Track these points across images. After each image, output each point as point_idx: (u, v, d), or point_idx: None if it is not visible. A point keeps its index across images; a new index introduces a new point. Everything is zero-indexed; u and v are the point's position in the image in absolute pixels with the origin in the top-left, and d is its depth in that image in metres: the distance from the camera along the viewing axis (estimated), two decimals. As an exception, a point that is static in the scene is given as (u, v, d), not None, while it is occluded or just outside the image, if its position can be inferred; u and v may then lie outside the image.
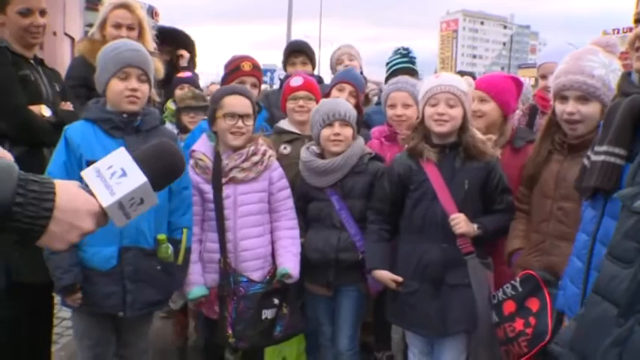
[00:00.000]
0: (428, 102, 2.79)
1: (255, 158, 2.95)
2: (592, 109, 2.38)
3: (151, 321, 2.99)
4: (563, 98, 2.45)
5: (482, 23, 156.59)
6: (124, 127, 2.60)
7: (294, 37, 22.41)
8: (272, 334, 2.96)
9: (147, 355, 2.94)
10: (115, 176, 1.25)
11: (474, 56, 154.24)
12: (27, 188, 1.11)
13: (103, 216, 1.24)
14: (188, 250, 2.77)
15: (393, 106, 3.44)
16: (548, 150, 2.61)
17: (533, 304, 2.47)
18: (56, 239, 1.17)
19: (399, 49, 4.40)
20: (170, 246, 2.62)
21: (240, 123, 2.91)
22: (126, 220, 1.27)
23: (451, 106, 2.75)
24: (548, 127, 2.64)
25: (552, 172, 2.55)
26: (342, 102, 3.22)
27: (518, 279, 2.57)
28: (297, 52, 4.48)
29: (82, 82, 3.52)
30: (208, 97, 4.49)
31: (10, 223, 1.09)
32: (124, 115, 2.60)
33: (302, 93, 3.45)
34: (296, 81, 3.53)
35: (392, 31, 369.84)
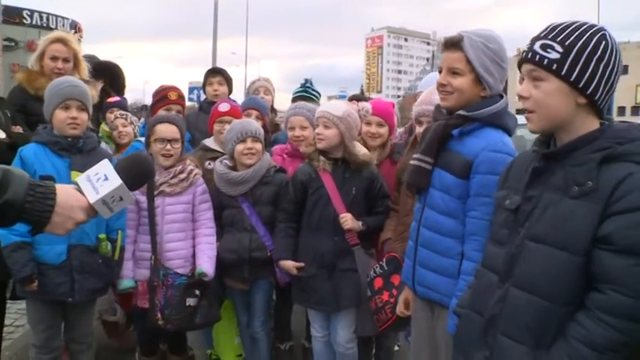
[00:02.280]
0: (317, 123, 3.42)
1: (182, 176, 3.45)
2: None
3: (93, 308, 3.48)
4: (420, 122, 3.12)
5: (406, 40, 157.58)
6: (69, 149, 3.09)
7: (220, 54, 22.33)
8: (194, 320, 3.41)
9: (91, 337, 3.39)
10: (100, 180, 1.61)
11: (399, 71, 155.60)
12: (35, 190, 1.46)
13: (91, 210, 1.60)
14: (122, 249, 3.25)
15: (292, 128, 3.93)
16: (411, 160, 3.32)
17: (396, 279, 3.01)
18: (58, 227, 1.52)
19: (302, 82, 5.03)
20: (109, 243, 3.12)
21: (168, 146, 3.43)
22: (110, 213, 1.65)
23: (326, 127, 3.33)
24: (413, 143, 3.29)
25: None
26: (252, 122, 3.72)
27: (384, 260, 3.15)
28: (215, 72, 4.99)
29: (20, 109, 3.88)
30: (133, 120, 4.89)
31: (23, 215, 1.45)
32: (69, 139, 3.10)
33: (227, 118, 3.95)
34: (223, 107, 4.03)
35: (318, 48, 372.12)
